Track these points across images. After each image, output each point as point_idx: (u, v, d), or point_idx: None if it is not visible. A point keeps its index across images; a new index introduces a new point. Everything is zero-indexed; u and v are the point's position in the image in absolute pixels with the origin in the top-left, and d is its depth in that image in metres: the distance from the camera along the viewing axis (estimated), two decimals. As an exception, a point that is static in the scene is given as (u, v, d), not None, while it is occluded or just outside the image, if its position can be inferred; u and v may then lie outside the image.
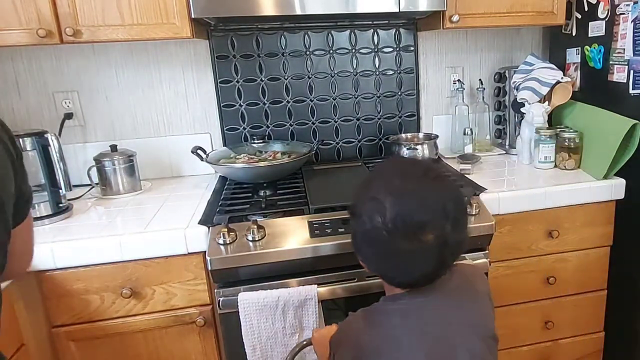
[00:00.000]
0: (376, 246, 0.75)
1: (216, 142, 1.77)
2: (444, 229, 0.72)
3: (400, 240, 0.71)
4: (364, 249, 0.79)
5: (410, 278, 0.77)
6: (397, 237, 0.71)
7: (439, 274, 0.79)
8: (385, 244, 0.73)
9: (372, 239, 0.75)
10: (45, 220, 1.31)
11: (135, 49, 1.64)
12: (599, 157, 1.45)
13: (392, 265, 0.76)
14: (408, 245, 0.71)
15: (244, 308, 1.16)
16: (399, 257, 0.73)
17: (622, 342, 1.58)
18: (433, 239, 0.71)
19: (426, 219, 0.71)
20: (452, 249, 0.75)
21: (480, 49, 1.89)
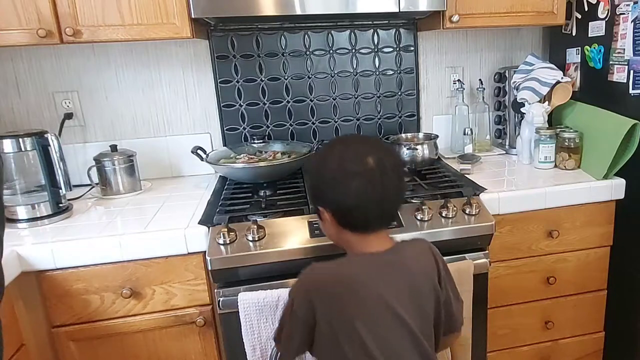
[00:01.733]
0: (330, 181, 0.89)
1: (216, 142, 1.77)
2: (382, 158, 0.88)
3: (348, 164, 0.87)
4: (322, 191, 0.91)
5: (362, 210, 0.88)
6: (345, 162, 0.88)
7: (386, 214, 0.92)
8: (337, 172, 0.88)
9: (326, 175, 0.90)
10: (45, 220, 1.31)
11: (135, 49, 1.64)
12: (599, 157, 1.45)
13: (345, 193, 0.87)
14: (355, 167, 0.87)
15: (244, 308, 1.16)
16: (349, 180, 0.86)
17: (622, 342, 1.58)
18: (374, 162, 0.87)
19: (368, 150, 0.89)
20: (392, 181, 0.89)
21: (480, 49, 1.89)
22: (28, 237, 1.21)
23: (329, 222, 0.93)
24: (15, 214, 1.31)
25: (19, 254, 1.13)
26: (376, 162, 0.87)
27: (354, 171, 0.87)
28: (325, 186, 0.90)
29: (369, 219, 0.90)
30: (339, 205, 0.89)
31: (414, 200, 1.34)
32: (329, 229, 0.96)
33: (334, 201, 0.90)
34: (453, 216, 1.29)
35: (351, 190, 0.86)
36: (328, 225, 0.94)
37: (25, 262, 1.13)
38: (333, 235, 0.97)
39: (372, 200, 0.87)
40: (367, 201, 0.87)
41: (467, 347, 1.31)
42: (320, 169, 0.92)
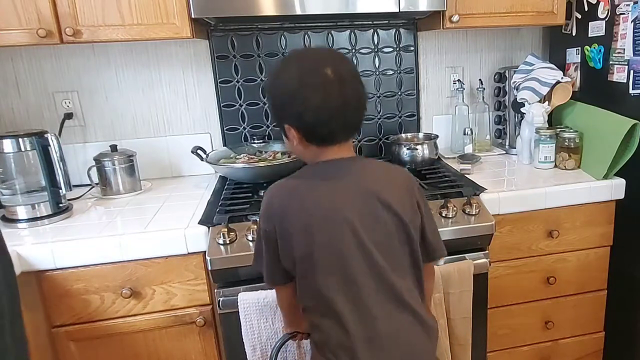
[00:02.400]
0: (290, 97, 0.87)
1: (216, 142, 1.77)
2: (339, 68, 0.87)
3: (306, 77, 0.86)
4: (283, 108, 0.90)
5: (326, 122, 0.87)
6: (302, 75, 0.86)
7: (350, 124, 0.91)
8: (296, 87, 0.86)
9: (286, 92, 0.88)
10: (45, 220, 1.31)
11: (135, 49, 1.64)
12: (599, 157, 1.45)
13: (307, 107, 0.85)
14: (313, 80, 0.85)
15: (244, 308, 1.16)
16: (309, 94, 0.85)
17: (622, 342, 1.58)
18: (331, 72, 0.86)
19: (324, 62, 0.88)
20: (351, 90, 0.88)
21: (480, 49, 1.89)
22: (28, 237, 1.22)
23: (295, 140, 0.91)
24: (15, 214, 1.31)
25: (19, 254, 1.13)
26: (334, 72, 0.86)
27: (312, 84, 0.85)
28: (286, 103, 0.88)
29: (333, 131, 0.89)
30: (302, 120, 0.87)
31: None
32: (296, 147, 0.93)
33: (297, 117, 0.87)
34: (453, 216, 1.29)
35: (312, 103, 0.85)
36: (295, 143, 0.92)
37: (25, 262, 1.13)
38: (301, 153, 0.95)
39: (334, 111, 0.86)
40: (330, 113, 0.86)
41: (467, 347, 1.31)
42: (278, 87, 0.89)
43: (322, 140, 0.91)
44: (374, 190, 0.89)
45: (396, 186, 0.93)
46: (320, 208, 0.88)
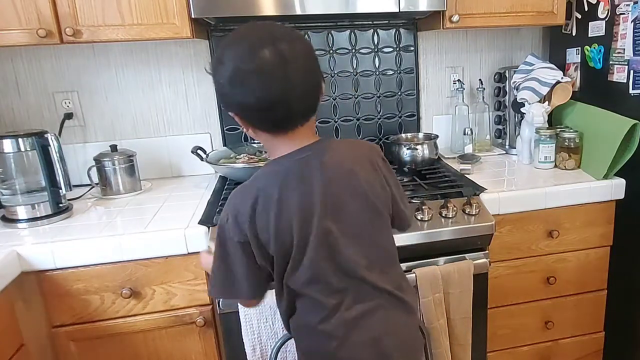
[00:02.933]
0: (228, 84, 0.81)
1: (216, 142, 1.77)
2: (281, 48, 0.79)
3: (241, 62, 0.79)
4: (224, 95, 0.84)
5: (268, 108, 0.81)
6: (238, 60, 0.79)
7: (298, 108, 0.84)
8: (233, 74, 0.80)
9: (224, 79, 0.82)
10: (45, 220, 1.31)
11: (135, 49, 1.64)
12: (599, 157, 1.45)
13: (246, 93, 0.80)
14: (249, 65, 0.78)
15: (244, 308, 1.16)
16: (246, 80, 0.79)
17: (622, 342, 1.58)
18: (270, 54, 0.78)
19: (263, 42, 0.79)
20: (298, 71, 0.81)
21: (480, 49, 1.89)
22: (28, 237, 1.22)
23: (245, 128, 0.87)
24: (15, 214, 1.31)
25: (19, 254, 1.13)
26: (274, 53, 0.78)
27: (248, 69, 0.78)
28: (225, 90, 0.82)
29: (278, 118, 0.83)
30: (243, 107, 0.83)
31: (414, 200, 1.34)
32: (249, 133, 0.89)
33: (237, 104, 0.83)
34: (453, 216, 1.29)
35: (251, 89, 0.79)
36: (248, 131, 0.88)
37: (25, 262, 1.13)
38: (258, 139, 0.91)
39: (277, 96, 0.79)
40: (271, 99, 0.79)
41: (467, 347, 1.31)
42: (216, 74, 0.83)
43: (269, 127, 0.85)
44: (341, 183, 0.87)
45: (363, 168, 0.90)
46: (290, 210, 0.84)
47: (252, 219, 0.84)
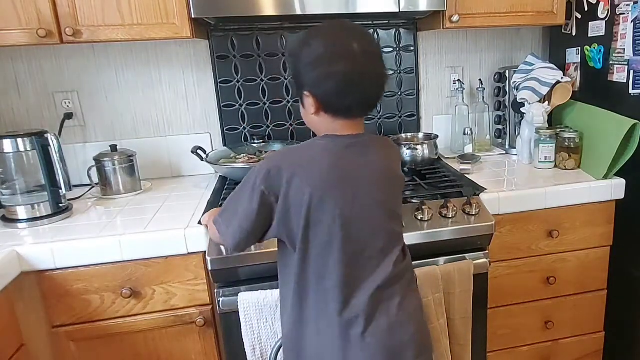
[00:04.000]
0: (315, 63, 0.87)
1: (216, 142, 1.77)
2: (366, 45, 0.88)
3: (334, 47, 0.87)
4: (307, 74, 0.88)
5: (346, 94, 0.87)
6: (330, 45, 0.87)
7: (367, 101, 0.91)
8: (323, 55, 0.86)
9: (312, 58, 0.87)
10: (45, 220, 1.31)
11: (135, 49, 1.64)
12: (599, 157, 1.45)
13: (330, 76, 0.86)
14: (341, 51, 0.86)
15: (244, 308, 1.16)
16: (334, 63, 0.85)
17: (622, 342, 1.58)
18: (358, 48, 0.86)
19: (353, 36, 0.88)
20: (376, 68, 0.90)
21: (480, 49, 1.89)
22: (28, 237, 1.22)
23: (313, 108, 0.90)
24: (15, 214, 1.31)
25: (19, 254, 1.13)
26: (360, 46, 0.86)
27: (338, 52, 0.85)
28: (310, 69, 0.87)
29: (351, 105, 0.89)
30: (322, 87, 0.87)
31: (414, 200, 1.34)
32: (310, 117, 0.93)
33: (318, 83, 0.87)
34: (453, 216, 1.29)
35: (336, 73, 0.85)
36: (311, 112, 0.91)
37: (25, 262, 1.13)
38: (314, 124, 0.94)
39: (354, 82, 0.86)
40: (351, 85, 0.86)
41: (467, 347, 1.31)
42: (305, 52, 0.88)
43: (337, 111, 0.90)
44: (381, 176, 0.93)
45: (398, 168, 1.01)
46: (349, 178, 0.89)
47: (290, 182, 0.85)
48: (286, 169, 0.86)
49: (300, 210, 0.85)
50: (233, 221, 0.91)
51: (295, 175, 0.85)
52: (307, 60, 0.87)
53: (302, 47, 0.88)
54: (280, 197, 0.86)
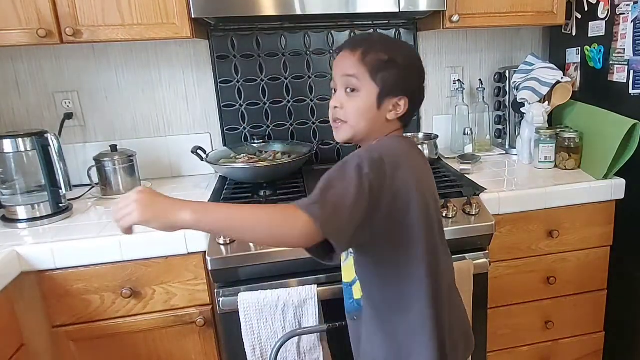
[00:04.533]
0: (417, 70, 0.93)
1: (216, 142, 1.77)
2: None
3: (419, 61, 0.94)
4: (410, 80, 0.92)
5: (422, 98, 0.97)
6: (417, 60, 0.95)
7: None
8: (419, 64, 0.94)
9: (416, 65, 0.93)
10: (45, 220, 1.31)
11: (135, 49, 1.64)
12: (599, 157, 1.45)
13: (421, 84, 0.94)
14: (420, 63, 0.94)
15: (244, 308, 1.16)
16: (422, 73, 0.94)
17: (622, 342, 1.58)
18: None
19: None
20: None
21: (480, 49, 1.89)
22: (28, 237, 1.22)
23: (397, 113, 0.89)
24: (15, 214, 1.31)
25: (19, 254, 1.13)
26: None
27: (421, 65, 0.94)
28: (416, 78, 0.92)
29: (419, 107, 0.97)
30: (418, 97, 0.94)
31: (414, 200, 1.34)
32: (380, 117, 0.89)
33: (417, 93, 0.93)
34: (453, 216, 1.29)
35: (424, 82, 0.94)
36: (388, 115, 0.89)
37: (25, 262, 1.13)
38: (377, 124, 0.90)
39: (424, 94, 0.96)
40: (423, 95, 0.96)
41: (467, 347, 1.30)
42: (412, 59, 0.92)
43: (409, 118, 0.94)
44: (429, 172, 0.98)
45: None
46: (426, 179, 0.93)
47: (395, 172, 0.81)
48: (389, 158, 0.82)
49: (407, 202, 0.83)
50: (340, 210, 0.74)
51: (399, 166, 0.82)
52: (410, 66, 0.91)
53: (409, 53, 0.93)
54: (387, 187, 0.79)
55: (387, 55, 0.87)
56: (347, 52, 0.89)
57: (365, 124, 0.90)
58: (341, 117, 0.90)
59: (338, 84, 0.90)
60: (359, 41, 0.90)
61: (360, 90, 0.88)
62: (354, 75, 0.87)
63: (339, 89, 0.90)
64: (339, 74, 0.90)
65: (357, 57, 0.87)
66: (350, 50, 0.88)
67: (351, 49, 0.88)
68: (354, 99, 0.88)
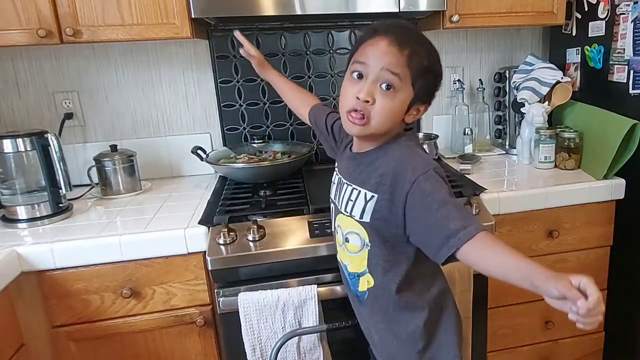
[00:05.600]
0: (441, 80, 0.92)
1: (216, 142, 1.77)
2: None
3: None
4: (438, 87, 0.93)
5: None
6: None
7: None
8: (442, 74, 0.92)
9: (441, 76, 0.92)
10: (45, 220, 1.31)
11: (135, 49, 1.64)
12: (599, 157, 1.45)
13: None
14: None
15: (244, 308, 1.16)
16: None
17: (622, 342, 1.58)
18: None
19: None
20: None
21: (480, 49, 1.89)
22: (28, 237, 1.22)
23: (416, 117, 0.92)
24: (15, 214, 1.31)
25: (19, 254, 1.13)
26: None
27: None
28: (440, 84, 0.92)
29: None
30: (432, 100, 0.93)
31: (414, 200, 1.34)
32: (400, 120, 0.89)
33: (434, 97, 0.93)
34: (453, 216, 1.29)
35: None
36: (407, 119, 0.90)
37: (25, 262, 1.13)
38: (396, 125, 0.90)
39: None
40: None
41: (467, 347, 1.31)
42: (441, 68, 0.90)
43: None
44: None
45: None
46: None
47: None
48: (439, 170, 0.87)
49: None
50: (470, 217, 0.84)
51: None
52: (441, 79, 0.91)
53: (440, 64, 0.90)
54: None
55: (428, 61, 0.85)
56: (394, 47, 0.82)
57: (389, 125, 0.87)
58: (369, 113, 0.84)
59: (372, 74, 0.82)
60: (406, 37, 0.83)
61: (399, 91, 0.83)
62: (399, 75, 0.82)
63: (372, 80, 0.83)
64: (379, 65, 0.82)
65: (405, 57, 0.82)
66: (399, 47, 0.82)
67: (399, 46, 0.82)
68: (389, 99, 0.83)
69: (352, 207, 0.91)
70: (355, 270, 0.97)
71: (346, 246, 0.96)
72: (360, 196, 0.90)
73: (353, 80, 0.85)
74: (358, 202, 0.90)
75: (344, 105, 0.86)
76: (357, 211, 0.90)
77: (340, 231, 0.97)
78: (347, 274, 1.01)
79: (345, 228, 0.95)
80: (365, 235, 0.91)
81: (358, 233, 0.92)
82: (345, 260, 1.00)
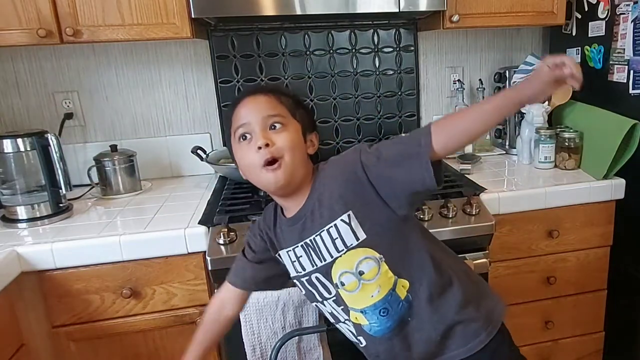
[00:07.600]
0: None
1: (216, 142, 1.77)
2: None
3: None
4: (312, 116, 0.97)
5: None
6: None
7: None
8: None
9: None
10: (45, 220, 1.31)
11: (135, 49, 1.65)
12: (599, 157, 1.45)
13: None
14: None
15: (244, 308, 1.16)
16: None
17: (622, 342, 1.58)
18: None
19: None
20: None
21: (480, 49, 1.89)
22: (28, 237, 1.22)
23: (315, 146, 0.94)
24: (15, 214, 1.31)
25: (19, 254, 1.13)
26: None
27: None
28: (311, 112, 0.96)
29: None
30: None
31: (414, 200, 1.34)
32: (308, 154, 0.91)
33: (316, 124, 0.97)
34: (453, 216, 1.29)
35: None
36: (310, 150, 0.92)
37: (25, 262, 1.13)
38: (308, 165, 0.90)
39: None
40: None
41: (467, 347, 1.30)
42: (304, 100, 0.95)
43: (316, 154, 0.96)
44: None
45: None
46: None
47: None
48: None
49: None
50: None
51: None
52: (309, 109, 0.98)
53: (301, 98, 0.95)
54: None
55: (293, 97, 0.91)
56: (261, 97, 0.88)
57: (300, 157, 0.87)
58: (277, 153, 0.83)
59: (258, 126, 0.85)
60: (264, 89, 0.91)
61: (288, 125, 0.87)
62: (279, 114, 0.86)
63: (260, 130, 0.85)
64: (259, 116, 0.86)
65: (274, 99, 0.88)
66: (264, 95, 0.88)
67: (264, 95, 0.88)
68: (284, 132, 0.85)
69: (343, 240, 0.84)
70: (388, 289, 0.86)
71: (363, 282, 0.85)
72: (340, 226, 0.83)
73: (243, 144, 0.88)
74: (343, 231, 0.84)
75: (253, 166, 0.85)
76: (350, 238, 0.83)
77: (349, 275, 0.86)
78: (385, 307, 0.87)
79: (352, 265, 0.85)
80: (373, 251, 0.84)
81: (365, 256, 0.85)
82: (369, 303, 0.87)
